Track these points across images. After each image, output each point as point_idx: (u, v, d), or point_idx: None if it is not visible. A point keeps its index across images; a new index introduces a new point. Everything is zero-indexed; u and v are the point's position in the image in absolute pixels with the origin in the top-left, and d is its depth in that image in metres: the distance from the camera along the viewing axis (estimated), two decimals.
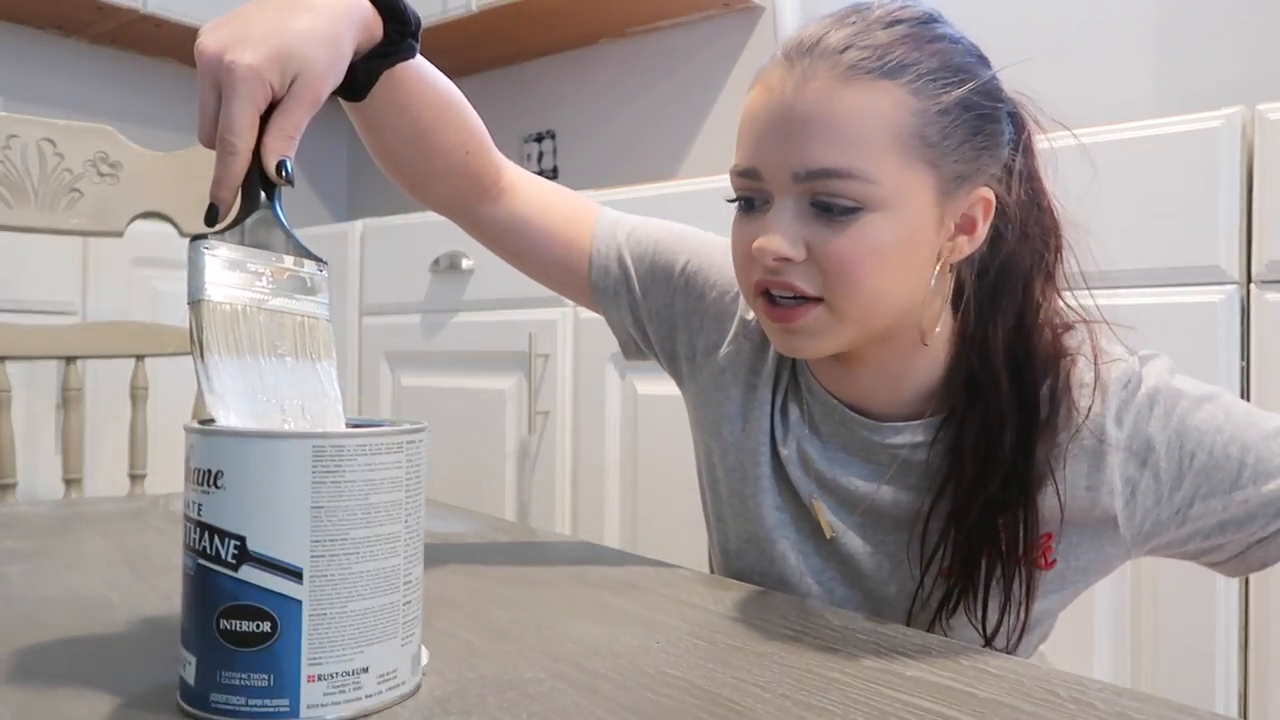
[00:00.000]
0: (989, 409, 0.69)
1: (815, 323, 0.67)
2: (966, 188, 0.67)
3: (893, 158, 0.63)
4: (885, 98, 0.63)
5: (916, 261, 0.67)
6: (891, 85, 0.63)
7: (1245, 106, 1.15)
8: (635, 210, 1.84)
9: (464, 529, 0.92)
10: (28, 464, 1.91)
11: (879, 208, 0.63)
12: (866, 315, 0.67)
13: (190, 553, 0.44)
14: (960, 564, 0.70)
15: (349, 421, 0.53)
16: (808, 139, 0.63)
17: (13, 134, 1.23)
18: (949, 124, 0.65)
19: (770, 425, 0.78)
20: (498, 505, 1.88)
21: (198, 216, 1.30)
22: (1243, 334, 1.13)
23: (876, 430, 0.73)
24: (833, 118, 0.63)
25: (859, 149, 0.63)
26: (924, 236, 0.66)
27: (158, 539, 0.85)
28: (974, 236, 0.68)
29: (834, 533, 0.75)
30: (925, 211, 0.65)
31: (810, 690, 0.49)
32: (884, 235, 0.64)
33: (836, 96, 0.63)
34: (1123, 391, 0.68)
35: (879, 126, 0.63)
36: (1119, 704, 0.48)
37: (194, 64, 0.58)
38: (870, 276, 0.65)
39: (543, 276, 0.90)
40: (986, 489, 0.68)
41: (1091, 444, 0.68)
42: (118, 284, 2.18)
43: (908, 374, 0.72)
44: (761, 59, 0.69)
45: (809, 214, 0.65)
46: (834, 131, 0.63)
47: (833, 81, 0.63)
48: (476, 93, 3.40)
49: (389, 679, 0.45)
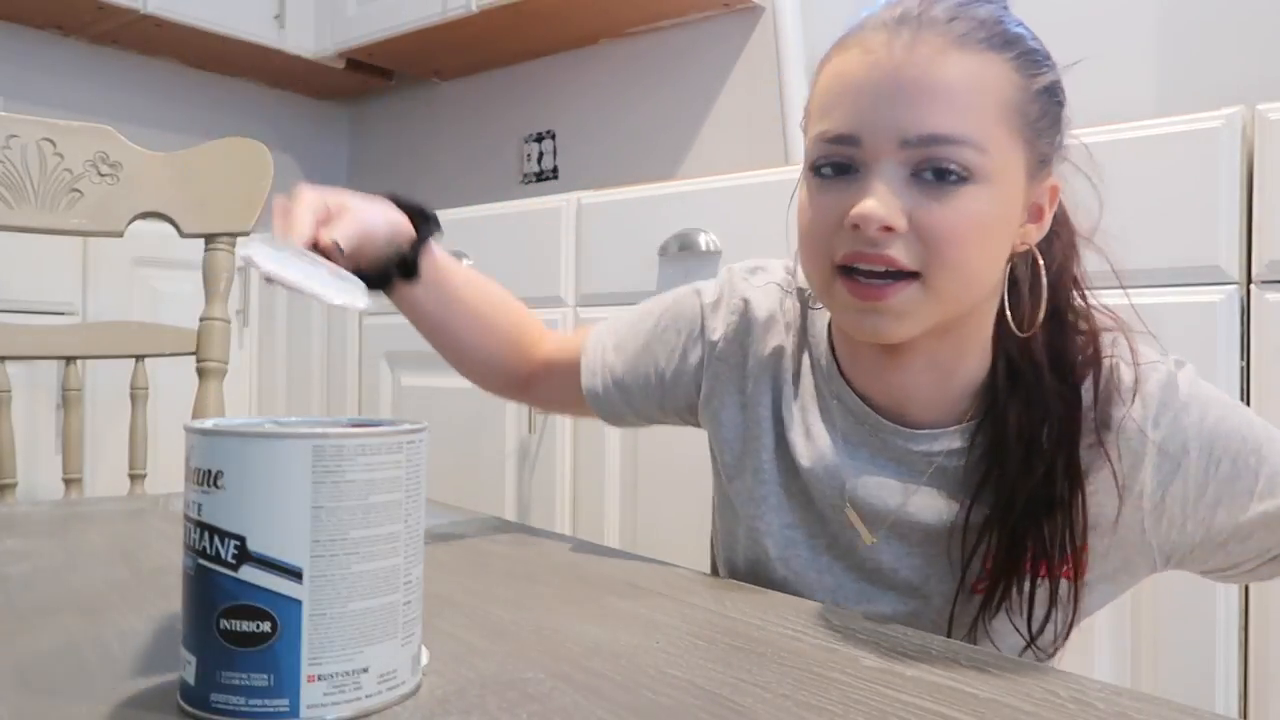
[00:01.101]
0: (1031, 401, 0.68)
1: (907, 301, 0.63)
2: (1044, 173, 0.66)
3: (1001, 128, 0.62)
4: (996, 68, 0.62)
5: (1006, 241, 0.66)
6: (999, 57, 0.63)
7: (1245, 106, 1.15)
8: (635, 210, 1.84)
9: (464, 529, 0.92)
10: (28, 464, 1.91)
11: (984, 179, 0.62)
12: (959, 294, 0.65)
13: (190, 553, 0.44)
14: (1003, 562, 0.68)
15: (349, 421, 0.53)
16: (921, 102, 0.61)
17: (13, 134, 1.23)
18: (1043, 105, 0.64)
19: (780, 440, 0.77)
20: (498, 505, 1.88)
21: (198, 216, 1.30)
22: (1243, 334, 1.13)
23: (912, 438, 0.71)
24: (947, 83, 0.61)
25: (973, 116, 0.61)
26: (1014, 215, 0.65)
27: (158, 539, 0.85)
28: (1041, 225, 0.68)
29: (874, 539, 0.73)
30: (1018, 190, 0.65)
31: (810, 690, 0.49)
32: (986, 208, 0.62)
33: (950, 62, 0.61)
34: (1161, 394, 0.67)
35: (992, 95, 0.62)
36: (1119, 704, 0.48)
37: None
38: (973, 250, 0.63)
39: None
40: (1030, 483, 0.67)
41: (1133, 445, 0.67)
42: (118, 284, 2.18)
43: (958, 369, 0.71)
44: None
45: (910, 183, 0.62)
46: (949, 96, 0.61)
47: (945, 47, 0.61)
48: (476, 93, 3.39)
49: (389, 679, 0.45)
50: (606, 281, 1.76)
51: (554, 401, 0.96)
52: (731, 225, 1.57)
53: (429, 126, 3.12)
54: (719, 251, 1.58)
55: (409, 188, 3.17)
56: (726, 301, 0.81)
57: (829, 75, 0.66)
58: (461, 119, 3.02)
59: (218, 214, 1.31)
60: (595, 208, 1.79)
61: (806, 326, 0.79)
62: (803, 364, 0.78)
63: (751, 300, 0.80)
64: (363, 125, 3.36)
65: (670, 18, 2.45)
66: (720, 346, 0.81)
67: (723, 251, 1.57)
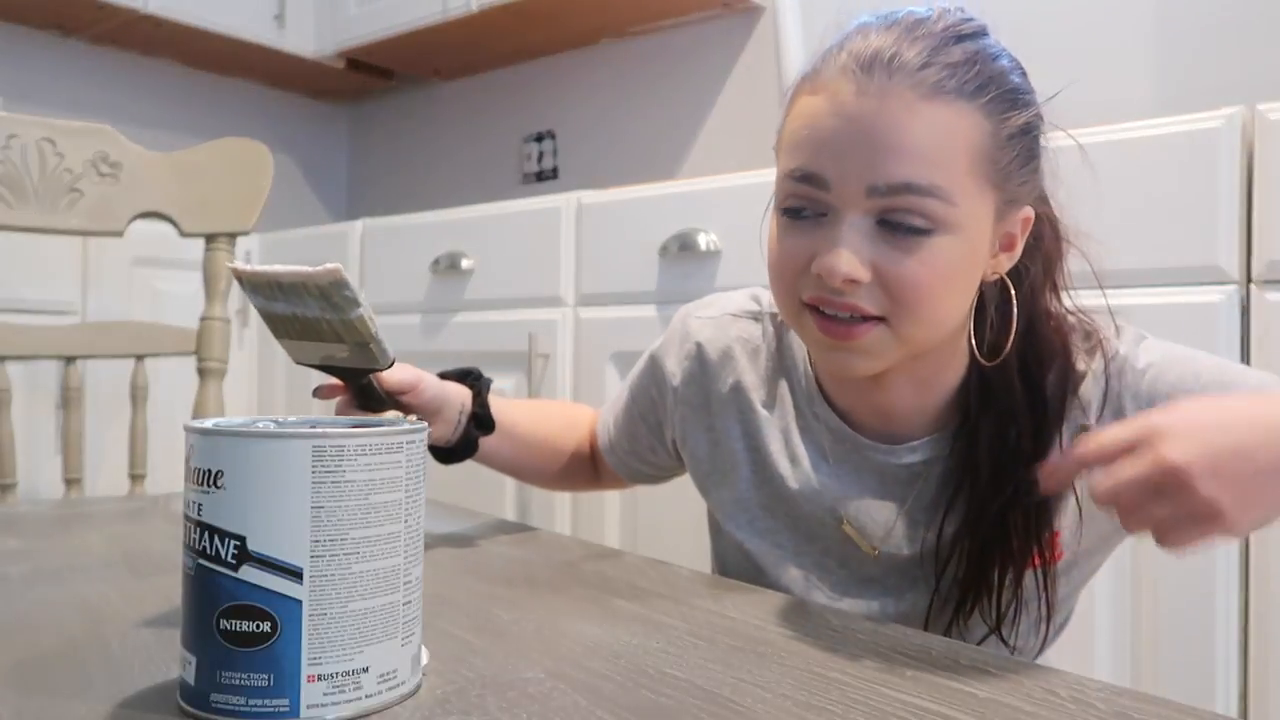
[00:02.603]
0: (1002, 411, 0.69)
1: (875, 343, 0.65)
2: (1016, 209, 0.67)
3: (969, 177, 0.62)
4: (965, 118, 0.62)
5: (973, 281, 0.67)
6: (969, 106, 0.62)
7: (1245, 106, 1.15)
8: (635, 210, 1.84)
9: (464, 529, 0.92)
10: (28, 464, 1.91)
11: (951, 229, 0.62)
12: (927, 337, 0.66)
13: (190, 553, 0.44)
14: (975, 565, 0.69)
15: (349, 422, 0.53)
16: (889, 152, 0.61)
17: (13, 134, 1.23)
18: (1014, 148, 0.64)
19: (760, 466, 0.78)
20: (498, 505, 1.87)
21: (198, 216, 1.30)
22: (1243, 334, 1.13)
23: (892, 452, 0.72)
24: (916, 135, 0.61)
25: (941, 166, 0.61)
26: (981, 258, 0.66)
27: (158, 539, 0.85)
28: (1012, 253, 0.69)
29: (875, 550, 0.74)
30: (985, 234, 0.65)
31: (810, 690, 0.49)
32: (952, 258, 0.63)
33: (920, 113, 0.61)
34: (1108, 368, 0.69)
35: (960, 146, 0.62)
36: (1119, 704, 0.48)
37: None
38: (939, 300, 0.64)
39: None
40: (1000, 490, 0.68)
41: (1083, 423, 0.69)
42: (118, 284, 2.18)
43: (938, 381, 0.72)
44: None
45: (876, 232, 0.62)
46: (917, 148, 0.61)
47: (915, 99, 0.61)
48: (477, 93, 3.39)
49: (389, 679, 0.45)
50: (606, 281, 1.76)
51: (613, 483, 1.01)
52: (731, 225, 1.57)
53: (429, 126, 3.12)
54: (719, 251, 1.58)
55: (409, 187, 3.18)
56: (681, 347, 0.84)
57: (798, 113, 0.66)
58: (461, 119, 3.02)
59: (218, 214, 1.31)
60: (595, 208, 1.79)
61: (783, 350, 0.80)
62: (780, 388, 0.79)
63: (704, 342, 0.82)
64: (363, 125, 3.36)
65: (670, 18, 2.45)
66: (680, 390, 0.83)
67: (722, 251, 1.57)
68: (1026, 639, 0.73)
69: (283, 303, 0.63)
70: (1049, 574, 0.70)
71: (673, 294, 1.65)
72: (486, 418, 0.86)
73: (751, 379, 0.80)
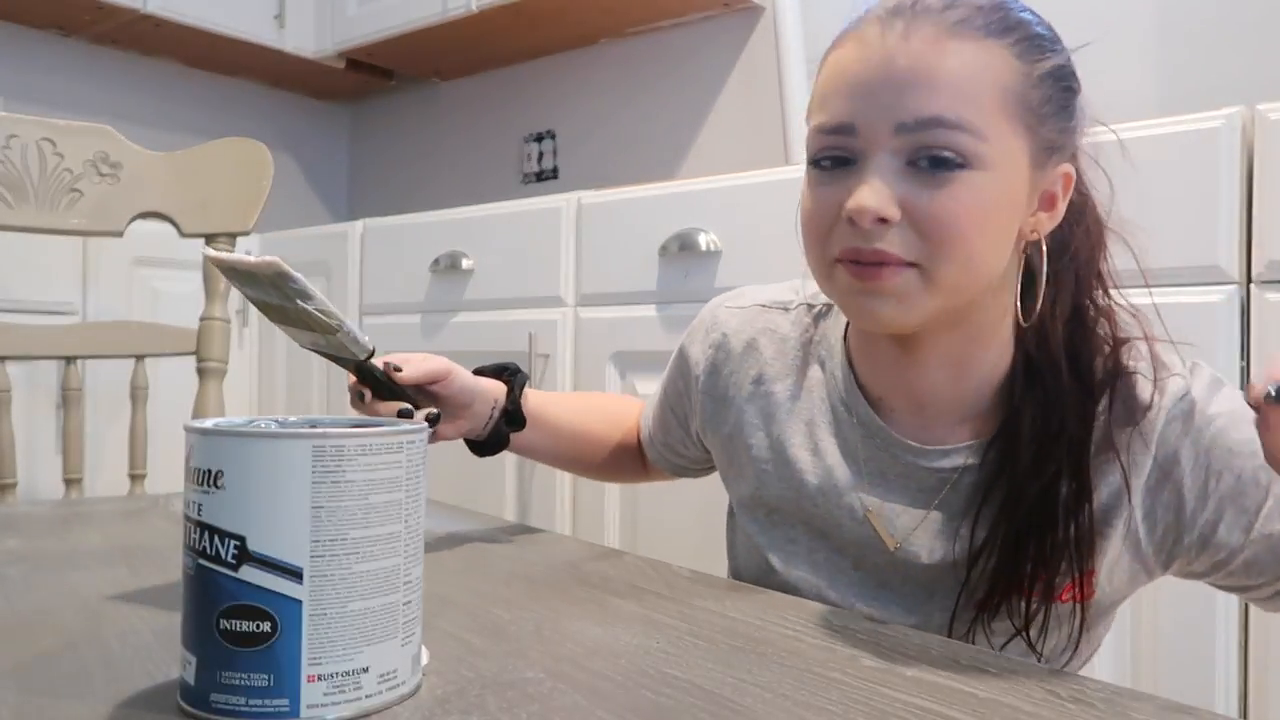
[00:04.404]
0: (1047, 404, 0.66)
1: (905, 286, 0.62)
2: (1054, 160, 0.65)
3: (1000, 115, 0.61)
4: (993, 55, 0.61)
5: (1010, 230, 0.64)
6: (997, 44, 0.62)
7: (1245, 106, 1.15)
8: (635, 210, 1.84)
9: (464, 529, 0.92)
10: (28, 464, 1.91)
11: (983, 166, 0.61)
12: (960, 283, 0.63)
13: (190, 553, 0.44)
14: (1004, 573, 0.67)
15: (349, 422, 0.53)
16: (917, 88, 0.60)
17: (13, 134, 1.23)
18: (1047, 91, 0.63)
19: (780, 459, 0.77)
20: (498, 505, 1.87)
21: (198, 216, 1.30)
22: (1243, 334, 1.13)
23: (922, 454, 0.70)
24: (943, 69, 0.60)
25: (970, 101, 0.60)
26: (1018, 204, 0.64)
27: (158, 539, 0.85)
28: (1054, 213, 0.66)
29: (897, 543, 0.71)
30: (1021, 178, 0.63)
31: (810, 690, 0.49)
32: (986, 196, 0.61)
33: (945, 49, 0.60)
34: (1170, 407, 0.66)
35: (989, 82, 0.61)
36: (1119, 704, 0.48)
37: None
38: (971, 238, 0.61)
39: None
40: (1036, 489, 0.66)
41: (1137, 459, 0.66)
42: (118, 284, 2.18)
43: (974, 364, 0.69)
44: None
45: (906, 172, 0.61)
46: (945, 82, 0.60)
47: (940, 35, 0.61)
48: (476, 93, 3.39)
49: (389, 679, 0.45)
50: (606, 281, 1.76)
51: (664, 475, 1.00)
52: (731, 225, 1.57)
53: (429, 126, 3.12)
54: (719, 251, 1.58)
55: (409, 187, 3.18)
56: (707, 336, 0.84)
57: (827, 69, 0.66)
58: (461, 119, 3.02)
59: (218, 214, 1.31)
60: (595, 208, 1.79)
61: (816, 339, 0.78)
62: (808, 380, 0.77)
63: (729, 331, 0.82)
64: (363, 125, 3.36)
65: (670, 18, 2.45)
66: (703, 380, 0.83)
67: (723, 251, 1.57)
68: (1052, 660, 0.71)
69: (255, 290, 0.64)
70: (1085, 608, 0.68)
71: (673, 294, 1.65)
72: (517, 414, 0.88)
73: (776, 370, 0.79)
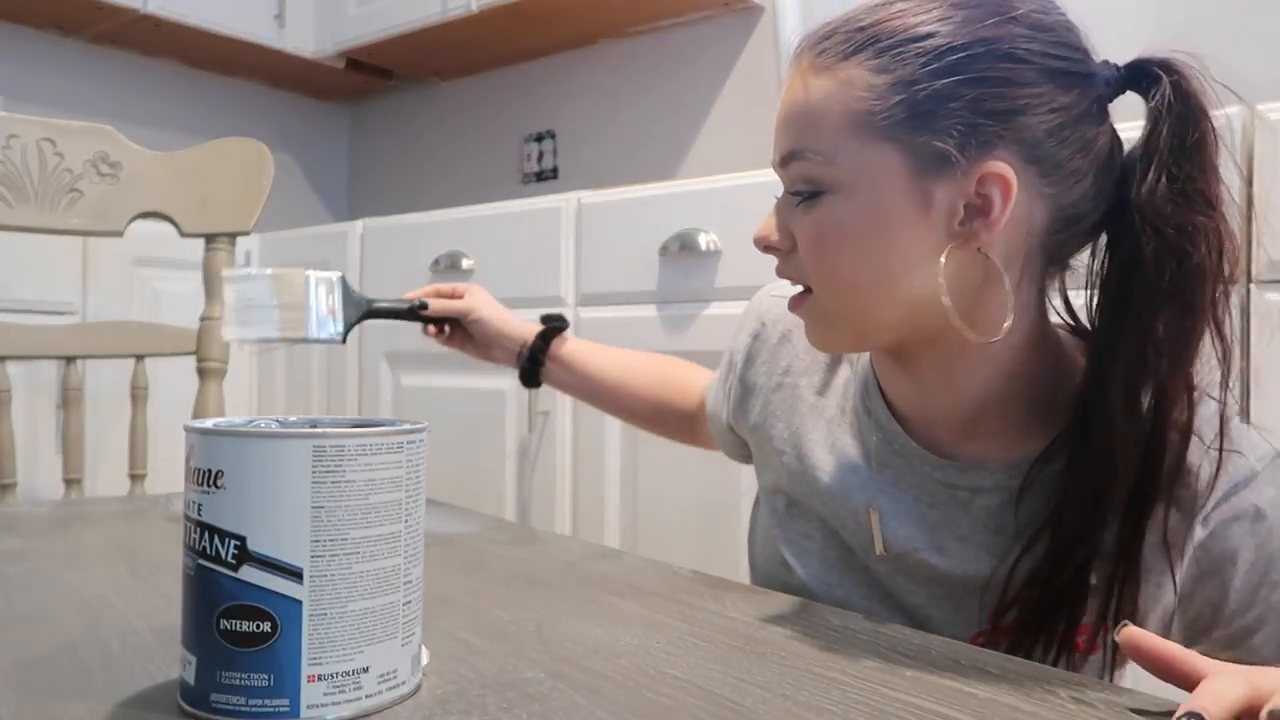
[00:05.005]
0: (1101, 456, 0.62)
1: (810, 311, 0.69)
2: (960, 167, 0.60)
3: (848, 136, 0.62)
4: (841, 78, 0.63)
5: (895, 246, 0.62)
6: (850, 66, 0.62)
7: (1245, 106, 1.15)
8: (635, 210, 1.84)
9: (464, 529, 0.92)
10: (28, 464, 1.91)
11: (836, 189, 0.63)
12: (848, 304, 0.65)
13: (190, 553, 0.44)
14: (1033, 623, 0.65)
15: (349, 422, 0.53)
16: (782, 128, 0.66)
17: (13, 134, 1.23)
18: (911, 98, 0.60)
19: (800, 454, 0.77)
20: (498, 505, 1.87)
21: (198, 216, 1.30)
22: (1243, 334, 1.13)
23: (937, 466, 0.69)
24: (797, 105, 0.65)
25: (815, 130, 0.64)
26: (899, 219, 0.62)
27: (158, 539, 0.85)
28: (990, 220, 0.61)
29: (885, 549, 0.71)
30: (896, 192, 0.61)
31: (810, 690, 0.49)
32: (845, 217, 0.63)
33: (807, 85, 0.65)
34: (1229, 488, 0.63)
35: (834, 106, 0.63)
36: (1119, 704, 0.48)
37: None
38: (831, 259, 0.65)
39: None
40: (1086, 546, 0.63)
41: (1178, 535, 0.63)
42: (118, 284, 2.18)
43: (961, 382, 0.67)
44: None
45: (790, 204, 0.67)
46: (796, 115, 0.65)
47: (804, 73, 0.65)
48: (476, 93, 3.38)
49: (389, 679, 0.45)
50: (606, 281, 1.76)
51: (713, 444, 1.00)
52: (731, 225, 1.57)
53: (429, 126, 3.12)
54: (719, 251, 1.58)
55: (409, 187, 3.18)
56: (748, 324, 0.85)
57: None
58: (461, 119, 3.02)
59: (218, 214, 1.31)
60: (595, 208, 1.79)
61: None
62: (836, 377, 0.78)
63: (767, 320, 0.83)
64: (363, 125, 3.36)
65: (670, 18, 2.45)
66: (740, 368, 0.84)
67: (723, 251, 1.57)
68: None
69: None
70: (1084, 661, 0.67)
71: (673, 294, 1.65)
72: (533, 373, 1.05)
73: (805, 364, 0.79)
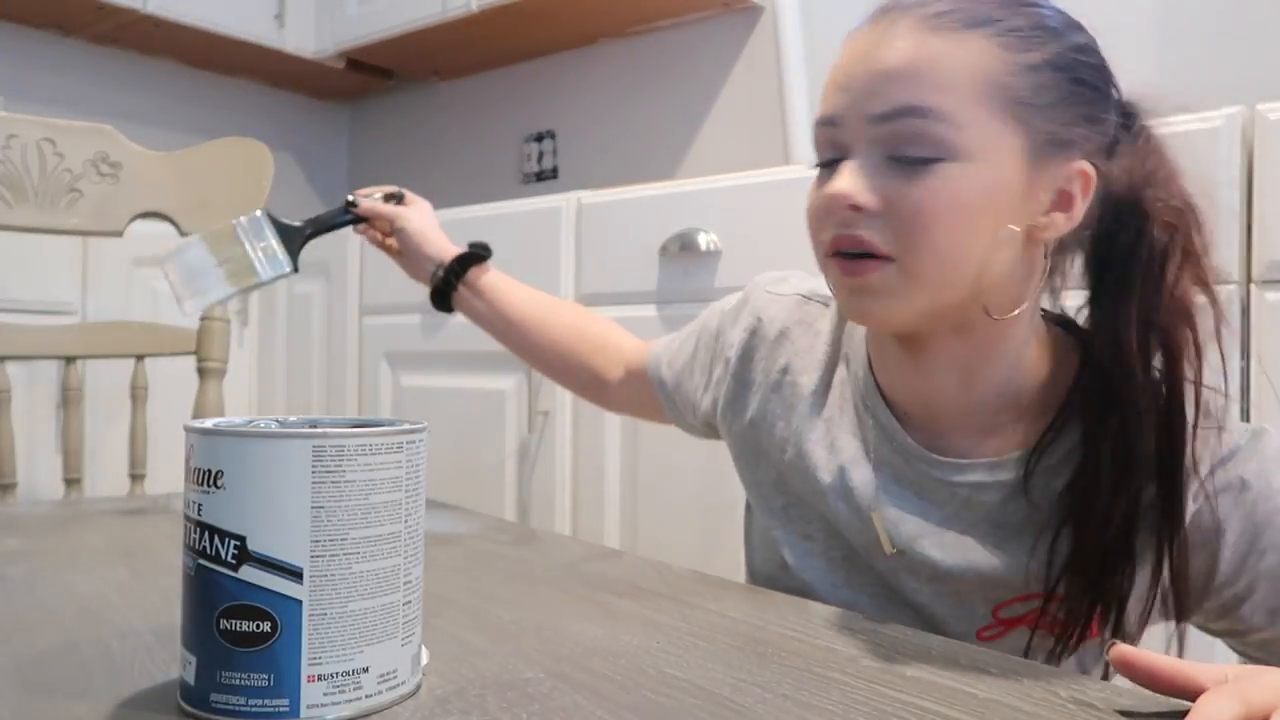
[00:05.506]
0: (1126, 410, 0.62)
1: (885, 282, 0.62)
2: (1062, 156, 0.62)
3: (978, 105, 0.60)
4: (970, 45, 0.61)
5: (998, 226, 0.62)
6: (976, 35, 0.61)
7: (1245, 106, 1.15)
8: (635, 210, 1.83)
9: (464, 529, 0.92)
10: (28, 464, 1.91)
11: (960, 157, 0.60)
12: (938, 279, 0.62)
13: (190, 553, 0.44)
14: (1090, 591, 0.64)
15: (349, 422, 0.53)
16: (889, 79, 0.61)
17: (13, 134, 1.23)
18: (1040, 81, 0.61)
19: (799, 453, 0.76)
20: (498, 505, 1.87)
21: (198, 216, 1.30)
22: (1243, 334, 1.13)
23: (936, 465, 0.69)
24: (917, 60, 0.60)
25: (943, 89, 0.60)
26: (1009, 199, 0.61)
27: (158, 539, 0.85)
28: (1071, 214, 0.63)
29: (894, 548, 0.70)
30: (1012, 171, 0.61)
31: (810, 690, 0.49)
32: (965, 188, 0.60)
33: (922, 41, 0.61)
34: (1215, 462, 0.64)
35: (964, 71, 0.60)
36: (1119, 704, 0.48)
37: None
38: (946, 232, 0.60)
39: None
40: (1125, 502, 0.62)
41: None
42: (118, 284, 2.18)
43: (983, 373, 0.67)
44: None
45: (885, 166, 0.61)
46: (917, 72, 0.60)
47: (917, 28, 0.61)
48: (476, 93, 3.38)
49: (389, 679, 0.45)
50: (606, 281, 1.76)
51: (627, 408, 1.03)
52: (731, 225, 1.57)
53: (429, 126, 3.12)
54: (719, 251, 1.58)
55: (409, 188, 3.17)
56: (743, 318, 0.83)
57: (829, 69, 0.67)
58: (461, 119, 3.02)
59: (218, 214, 1.31)
60: (595, 208, 1.79)
61: (842, 338, 0.77)
62: (835, 376, 0.77)
63: (765, 317, 0.81)
64: (363, 125, 3.36)
65: (670, 18, 2.45)
66: (734, 364, 0.82)
67: (723, 251, 1.57)
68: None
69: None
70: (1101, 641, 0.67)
71: (673, 294, 1.65)
72: (444, 297, 1.06)
73: (804, 363, 0.78)
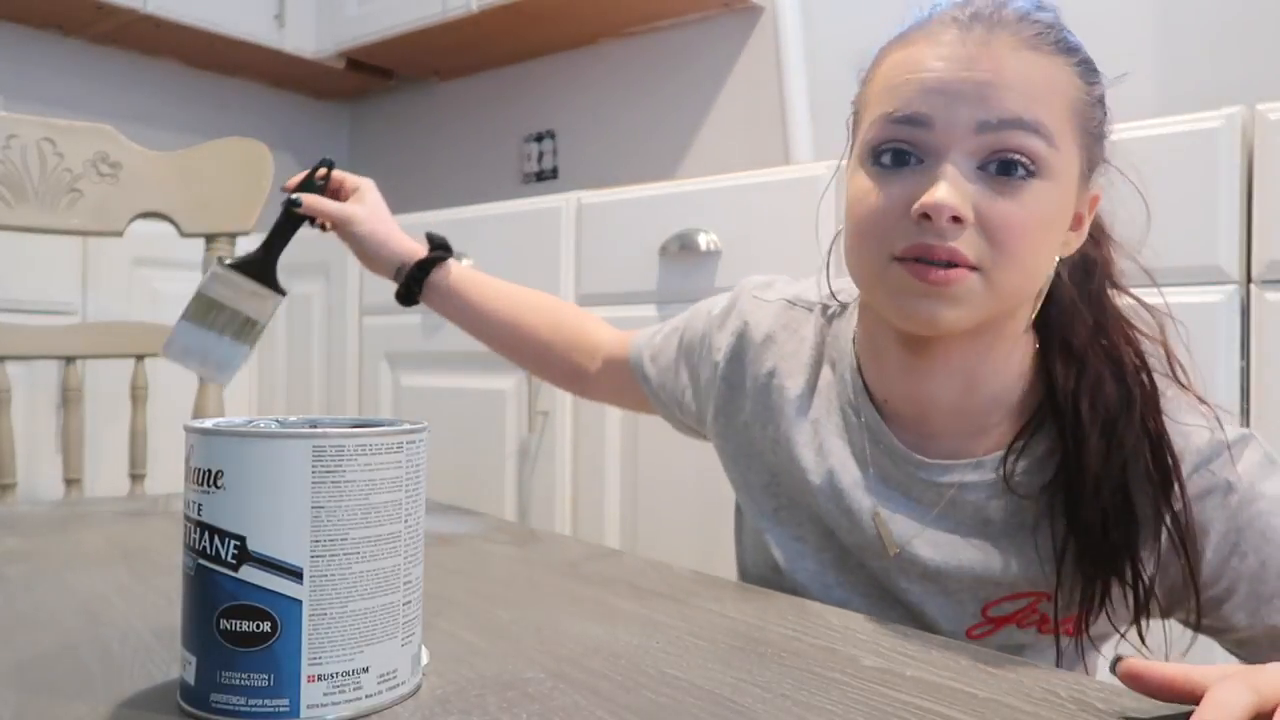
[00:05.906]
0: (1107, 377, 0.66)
1: (969, 290, 0.61)
2: (1092, 180, 0.67)
3: (1067, 126, 0.63)
4: (1063, 71, 0.63)
5: (1059, 242, 0.65)
6: (1066, 61, 0.63)
7: (1245, 106, 1.15)
8: (635, 210, 1.83)
9: (464, 529, 0.92)
10: (28, 464, 1.91)
11: (1050, 176, 0.62)
12: (1017, 291, 0.64)
13: (190, 553, 0.44)
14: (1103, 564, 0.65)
15: (349, 421, 0.53)
16: (1000, 89, 0.61)
17: (13, 134, 1.23)
18: (1100, 115, 0.66)
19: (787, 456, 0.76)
20: (498, 505, 1.87)
21: (198, 216, 1.30)
22: (1243, 334, 1.13)
23: (922, 466, 0.70)
24: (1029, 76, 0.61)
25: (1045, 107, 0.61)
26: (1067, 216, 0.65)
27: (158, 539, 0.85)
28: (1080, 232, 0.67)
29: (898, 548, 0.70)
30: (1073, 192, 0.65)
31: (810, 690, 0.49)
32: (1049, 207, 0.62)
33: (1025, 58, 0.62)
34: (1198, 461, 0.64)
35: (1060, 94, 0.62)
36: (1119, 704, 0.48)
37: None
38: (1031, 248, 0.62)
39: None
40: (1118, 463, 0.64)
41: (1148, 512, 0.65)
42: (118, 284, 2.18)
43: (984, 379, 0.68)
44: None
45: (976, 176, 0.61)
46: (1025, 87, 0.61)
47: (1019, 45, 0.62)
48: (476, 93, 3.38)
49: (389, 679, 0.45)
50: (606, 281, 1.76)
51: (609, 398, 1.03)
52: (731, 225, 1.57)
53: (429, 126, 3.12)
54: (719, 251, 1.58)
55: (409, 187, 3.17)
56: (730, 323, 0.83)
57: (893, 64, 0.65)
58: (461, 119, 3.02)
59: (218, 214, 1.31)
60: (595, 208, 1.79)
61: (828, 340, 0.78)
62: (820, 379, 0.77)
63: (751, 321, 0.81)
64: (363, 125, 3.36)
65: (670, 18, 2.45)
66: (722, 367, 0.82)
67: (723, 251, 1.57)
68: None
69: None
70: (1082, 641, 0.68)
71: (673, 294, 1.65)
72: (409, 294, 1.02)
73: (789, 366, 0.78)
